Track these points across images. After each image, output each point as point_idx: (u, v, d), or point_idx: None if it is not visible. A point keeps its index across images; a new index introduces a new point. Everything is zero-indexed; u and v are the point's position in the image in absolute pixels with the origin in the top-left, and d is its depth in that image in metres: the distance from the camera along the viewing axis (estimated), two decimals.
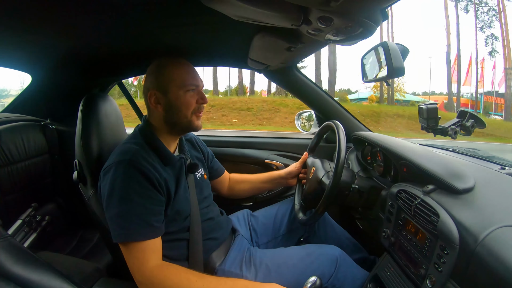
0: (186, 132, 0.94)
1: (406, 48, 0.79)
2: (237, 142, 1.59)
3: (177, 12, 0.76)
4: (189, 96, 0.85)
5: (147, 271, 0.73)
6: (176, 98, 0.84)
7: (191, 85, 0.85)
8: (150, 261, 0.73)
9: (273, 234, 1.11)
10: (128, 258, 0.74)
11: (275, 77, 1.38)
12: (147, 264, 0.73)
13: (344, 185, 0.98)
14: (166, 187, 0.80)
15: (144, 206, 0.74)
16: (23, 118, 1.39)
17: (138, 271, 0.73)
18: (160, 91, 0.84)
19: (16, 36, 0.87)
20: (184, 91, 0.84)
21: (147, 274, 0.72)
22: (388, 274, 0.82)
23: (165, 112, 0.85)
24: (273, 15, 0.60)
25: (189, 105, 0.85)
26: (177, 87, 0.84)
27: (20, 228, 1.15)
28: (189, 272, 0.75)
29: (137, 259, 0.73)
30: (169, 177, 0.83)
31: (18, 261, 0.62)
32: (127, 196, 0.73)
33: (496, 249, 0.53)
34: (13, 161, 1.24)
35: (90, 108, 0.95)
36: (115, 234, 0.74)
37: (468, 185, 0.70)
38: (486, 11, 16.03)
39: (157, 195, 0.77)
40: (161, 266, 0.74)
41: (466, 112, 0.90)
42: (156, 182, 0.77)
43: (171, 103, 0.84)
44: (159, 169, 0.80)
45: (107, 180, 0.76)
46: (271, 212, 1.16)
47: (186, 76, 0.85)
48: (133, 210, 0.73)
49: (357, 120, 1.43)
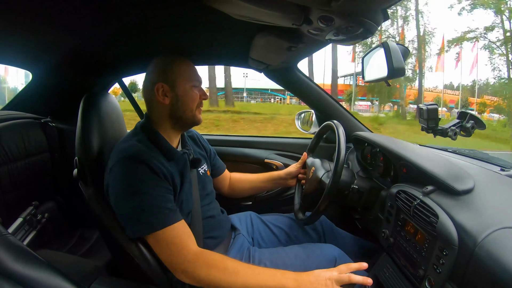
0: (189, 127, 0.95)
1: (406, 49, 0.79)
2: (237, 141, 1.59)
3: (178, 11, 0.76)
4: (194, 92, 0.88)
5: (189, 256, 0.71)
6: (184, 92, 0.87)
7: (196, 81, 0.89)
8: (190, 245, 0.73)
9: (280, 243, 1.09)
10: (163, 248, 0.73)
11: (275, 77, 1.38)
12: (188, 248, 0.72)
13: (344, 185, 0.98)
14: (173, 180, 0.81)
15: (159, 195, 0.75)
16: (23, 116, 1.39)
17: (179, 256, 0.72)
18: (168, 84, 0.86)
19: (17, 33, 0.87)
20: (191, 86, 0.88)
21: (191, 260, 0.71)
22: (387, 275, 0.82)
23: (171, 105, 0.87)
24: (274, 14, 0.60)
25: (195, 99, 0.88)
26: (184, 82, 0.87)
27: (20, 227, 1.15)
28: (236, 262, 0.74)
29: (175, 244, 0.72)
30: (174, 171, 0.83)
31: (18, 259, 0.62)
32: (139, 190, 0.74)
33: (495, 250, 0.53)
34: (13, 159, 1.24)
35: (91, 106, 0.95)
36: (137, 228, 0.74)
37: (468, 186, 0.70)
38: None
39: (167, 184, 0.79)
40: (203, 252, 0.74)
41: (466, 113, 0.90)
42: (162, 175, 0.78)
43: (178, 97, 0.86)
44: (164, 163, 0.81)
45: (115, 178, 0.76)
46: (279, 222, 1.13)
47: (192, 73, 0.89)
48: (150, 201, 0.74)
49: (357, 120, 1.43)
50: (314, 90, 1.39)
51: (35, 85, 1.40)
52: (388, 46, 0.76)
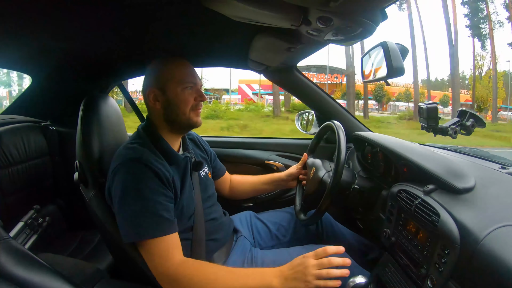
0: (187, 130, 0.94)
1: (405, 48, 0.79)
2: (237, 142, 1.59)
3: (177, 13, 0.76)
4: (187, 94, 0.86)
5: (172, 268, 0.72)
6: (175, 95, 0.85)
7: (189, 83, 0.86)
8: (174, 257, 0.73)
9: (278, 240, 1.10)
10: (150, 256, 0.73)
11: (275, 78, 1.38)
12: (172, 260, 0.72)
13: (345, 185, 0.98)
14: (174, 185, 0.81)
15: (159, 202, 0.75)
16: (24, 120, 1.39)
17: (162, 267, 0.72)
18: (158, 88, 0.85)
19: (16, 37, 0.88)
20: (182, 88, 0.85)
21: (173, 271, 0.71)
22: (389, 274, 0.82)
23: (163, 109, 0.86)
24: (272, 15, 0.60)
25: (187, 102, 0.86)
26: (175, 85, 0.85)
27: (22, 230, 1.15)
28: (215, 267, 0.75)
29: (159, 256, 0.72)
30: (175, 176, 0.83)
31: (19, 263, 0.62)
32: (140, 194, 0.74)
33: (496, 248, 0.53)
34: (13, 163, 1.24)
35: (91, 109, 0.95)
36: (130, 233, 0.73)
37: (469, 184, 0.70)
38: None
39: (168, 191, 0.78)
40: (186, 262, 0.74)
41: (466, 111, 0.90)
42: (165, 180, 0.78)
43: (169, 100, 0.85)
44: (166, 167, 0.81)
45: (118, 181, 0.76)
46: (277, 217, 1.14)
47: (184, 74, 0.86)
48: (149, 207, 0.73)
49: (357, 120, 1.43)
50: (314, 90, 1.39)
51: (35, 88, 1.41)
52: (387, 46, 0.77)
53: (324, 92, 1.42)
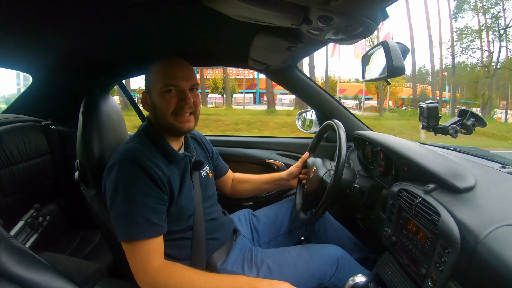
0: (178, 134, 0.89)
1: (406, 47, 0.79)
2: (238, 141, 1.59)
3: (177, 12, 0.76)
4: (167, 97, 0.82)
5: (151, 271, 0.73)
6: (156, 99, 0.84)
7: (170, 86, 0.82)
8: (154, 260, 0.74)
9: (274, 233, 1.11)
10: (131, 257, 0.74)
11: (275, 77, 1.38)
12: (151, 264, 0.73)
13: (345, 184, 0.98)
14: (169, 185, 0.80)
15: (147, 204, 0.75)
16: (24, 119, 1.39)
17: (142, 270, 0.73)
18: (147, 91, 0.87)
19: (16, 36, 0.87)
20: (162, 92, 0.82)
21: (152, 274, 0.73)
22: (389, 273, 0.82)
23: (151, 113, 0.87)
24: (273, 14, 0.60)
25: (167, 106, 0.82)
26: (156, 88, 0.83)
27: (22, 229, 1.15)
28: (192, 271, 0.75)
29: (141, 259, 0.73)
30: (173, 175, 0.83)
31: (20, 262, 0.62)
32: (130, 195, 0.74)
33: (497, 248, 0.53)
34: (14, 162, 1.25)
35: (91, 108, 0.95)
36: (119, 233, 0.74)
37: (469, 184, 0.70)
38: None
39: (160, 194, 0.77)
40: (165, 265, 0.75)
41: (467, 111, 0.90)
42: (159, 181, 0.77)
43: (154, 104, 0.85)
44: (162, 167, 0.80)
45: (111, 179, 0.76)
46: (272, 211, 1.16)
47: (167, 77, 0.82)
48: (137, 208, 0.73)
49: (357, 119, 1.43)
50: (314, 89, 1.39)
51: (36, 88, 1.41)
52: (387, 45, 0.76)
53: (324, 91, 1.42)
